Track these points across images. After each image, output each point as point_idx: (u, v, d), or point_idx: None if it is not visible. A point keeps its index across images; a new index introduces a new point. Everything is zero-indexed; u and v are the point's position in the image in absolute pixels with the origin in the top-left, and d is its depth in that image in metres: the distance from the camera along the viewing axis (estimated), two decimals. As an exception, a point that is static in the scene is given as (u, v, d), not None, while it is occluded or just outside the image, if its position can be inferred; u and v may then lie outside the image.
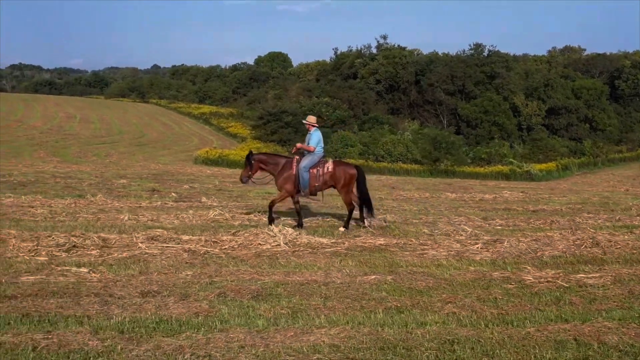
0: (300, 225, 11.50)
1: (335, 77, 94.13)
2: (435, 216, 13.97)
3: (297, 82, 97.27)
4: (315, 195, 12.09)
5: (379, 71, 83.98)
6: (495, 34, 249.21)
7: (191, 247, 9.61)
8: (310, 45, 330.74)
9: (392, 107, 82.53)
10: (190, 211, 13.15)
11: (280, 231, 10.63)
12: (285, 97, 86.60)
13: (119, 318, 6.38)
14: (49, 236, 9.78)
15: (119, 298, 7.07)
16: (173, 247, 9.58)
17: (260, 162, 11.83)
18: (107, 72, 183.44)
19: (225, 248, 9.68)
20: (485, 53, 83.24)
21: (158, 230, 10.49)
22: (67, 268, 8.24)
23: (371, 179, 31.44)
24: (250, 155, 11.83)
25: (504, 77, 77.40)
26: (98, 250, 9.25)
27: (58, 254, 9.05)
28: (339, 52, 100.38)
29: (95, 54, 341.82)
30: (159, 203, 14.72)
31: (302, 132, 62.99)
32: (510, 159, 48.02)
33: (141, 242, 9.61)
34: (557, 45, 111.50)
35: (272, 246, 9.89)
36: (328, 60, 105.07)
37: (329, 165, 11.81)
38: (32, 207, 13.55)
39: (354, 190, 12.06)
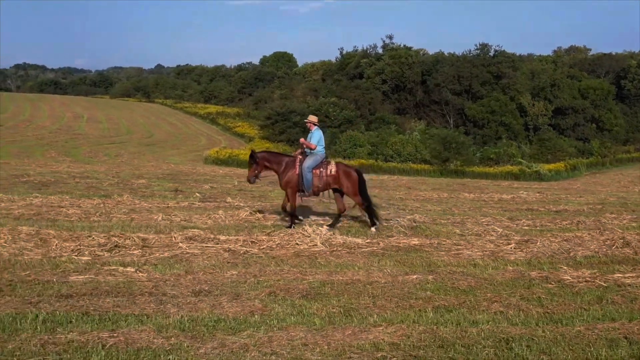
0: (291, 226, 11.47)
1: (341, 77, 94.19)
2: (461, 216, 14.09)
3: (303, 82, 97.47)
4: (317, 195, 12.15)
5: (385, 71, 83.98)
6: (501, 34, 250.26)
7: (230, 247, 9.74)
8: (314, 45, 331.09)
9: (398, 107, 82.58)
10: (220, 211, 13.27)
11: (314, 231, 10.76)
12: (291, 97, 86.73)
13: (177, 317, 6.50)
14: (89, 236, 9.91)
15: (172, 297, 7.20)
16: (212, 247, 9.70)
17: (264, 159, 11.89)
18: (111, 71, 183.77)
19: (263, 248, 9.80)
20: (492, 53, 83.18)
21: (194, 230, 10.62)
22: (114, 268, 8.37)
23: (384, 179, 31.58)
24: (253, 154, 11.87)
25: (510, 77, 77.39)
26: (139, 250, 9.38)
27: (101, 253, 9.18)
28: (344, 52, 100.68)
29: (99, 53, 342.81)
30: (186, 203, 14.86)
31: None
32: (519, 159, 48.09)
33: (181, 242, 9.74)
34: (562, 45, 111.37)
35: (309, 246, 10.01)
36: (334, 60, 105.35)
37: (332, 168, 11.88)
38: (62, 207, 13.68)
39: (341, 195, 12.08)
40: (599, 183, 37.40)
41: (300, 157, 11.92)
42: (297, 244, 10.10)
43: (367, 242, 10.44)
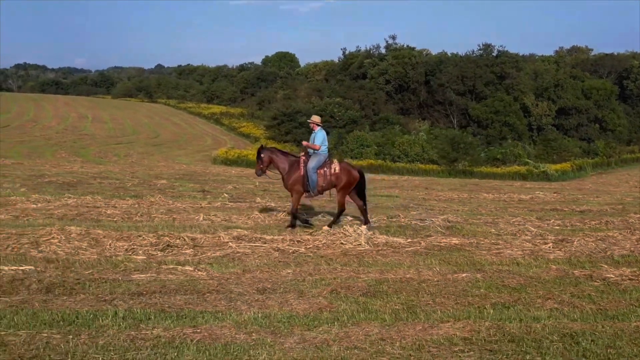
0: (292, 225, 11.70)
1: (344, 77, 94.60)
2: (491, 216, 14.36)
3: (306, 82, 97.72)
4: (322, 194, 12.38)
5: (389, 71, 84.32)
6: (502, 34, 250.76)
7: (278, 246, 10.00)
8: (316, 45, 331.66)
9: (401, 108, 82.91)
10: (256, 212, 13.55)
11: (355, 231, 11.01)
12: (294, 97, 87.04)
13: (250, 313, 6.75)
14: (139, 236, 10.16)
15: (239, 294, 7.45)
16: (261, 246, 9.96)
17: (269, 157, 12.11)
18: (112, 71, 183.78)
19: (310, 247, 10.06)
20: (495, 53, 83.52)
21: (239, 230, 10.87)
22: (172, 267, 8.62)
23: (396, 180, 31.86)
24: (261, 149, 12.17)
25: (514, 77, 77.77)
26: (191, 250, 9.63)
27: (154, 253, 9.43)
28: (347, 52, 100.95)
29: (99, 53, 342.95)
30: (218, 203, 15.13)
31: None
32: (526, 159, 48.42)
33: (230, 242, 9.99)
34: (564, 45, 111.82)
35: (354, 245, 10.27)
36: (336, 60, 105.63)
37: (336, 167, 12.08)
38: (98, 207, 13.93)
39: (356, 193, 12.34)
40: (608, 183, 37.71)
41: (304, 157, 12.08)
42: (342, 243, 10.36)
43: (408, 242, 10.70)
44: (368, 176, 13.86)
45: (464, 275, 8.73)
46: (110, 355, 5.47)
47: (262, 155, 12.07)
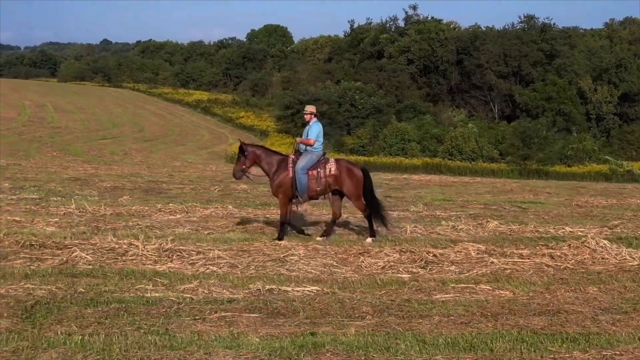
0: (280, 238, 11.80)
1: (353, 55, 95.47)
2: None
3: (305, 61, 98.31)
4: (317, 199, 12.60)
5: (412, 49, 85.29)
6: (537, 3, 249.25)
7: (538, 260, 10.73)
8: (312, 17, 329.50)
9: (427, 93, 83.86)
10: (443, 222, 14.32)
11: (597, 243, 11.75)
12: (295, 80, 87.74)
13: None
14: (380, 251, 10.83)
15: (576, 313, 8.15)
16: (520, 261, 10.67)
17: (254, 154, 12.20)
18: (48, 48, 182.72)
19: (572, 262, 10.78)
20: (539, 27, 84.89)
21: (469, 243, 11.55)
22: (469, 286, 9.27)
23: (469, 182, 32.76)
24: (243, 147, 12.20)
25: (566, 56, 79.08)
26: (453, 266, 10.31)
27: (416, 270, 10.09)
28: (355, 25, 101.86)
29: (28, 26, 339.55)
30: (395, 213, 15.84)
31: (337, 124, 64.40)
32: (605, 157, 49.62)
33: (486, 256, 10.69)
34: (615, 17, 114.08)
35: (619, 260, 11.02)
36: (341, 35, 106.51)
37: (332, 167, 12.10)
38: (187, 212, 14.88)
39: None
40: None
41: (293, 156, 12.16)
42: (603, 258, 11.10)
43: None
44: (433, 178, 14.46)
45: None
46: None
47: (245, 152, 12.13)
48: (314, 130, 12.16)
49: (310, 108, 12.59)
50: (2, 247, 10.58)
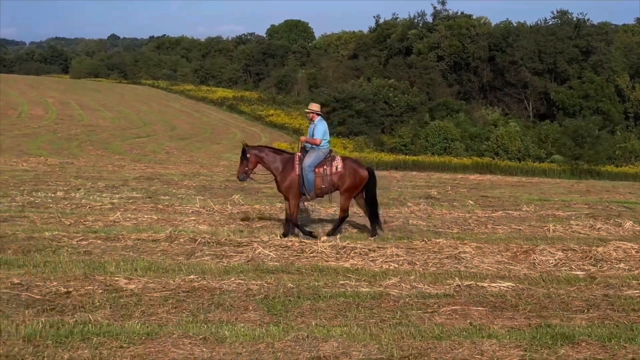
0: (285, 235, 12.12)
1: (380, 52, 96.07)
2: None
3: (328, 57, 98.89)
4: (322, 197, 12.82)
5: (442, 45, 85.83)
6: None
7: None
8: (331, 12, 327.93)
9: (458, 90, 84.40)
10: (574, 221, 14.93)
11: None
12: (319, 77, 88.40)
13: None
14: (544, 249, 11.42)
15: None
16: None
17: (258, 155, 12.42)
18: (56, 43, 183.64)
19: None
20: (573, 23, 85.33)
21: (614, 242, 12.14)
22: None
23: (542, 183, 33.29)
24: (246, 148, 12.45)
25: (603, 52, 79.47)
26: (622, 264, 10.88)
27: (587, 267, 10.67)
28: (381, 20, 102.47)
29: (33, 21, 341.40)
30: (483, 212, 16.42)
31: (374, 123, 65.10)
32: (652, 156, 50.13)
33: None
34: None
35: None
36: (365, 31, 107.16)
37: (338, 164, 12.36)
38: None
39: (363, 197, 12.77)
40: None
41: (300, 154, 12.40)
42: None
43: None
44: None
45: None
46: None
47: (247, 155, 12.35)
48: (320, 129, 12.40)
49: (314, 106, 12.85)
50: (180, 245, 11.22)
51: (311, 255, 10.80)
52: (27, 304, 7.93)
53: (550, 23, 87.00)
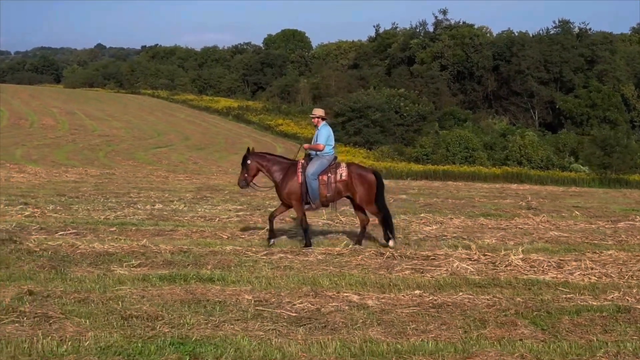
0: (308, 244, 11.95)
1: (381, 61, 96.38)
2: None
3: (331, 67, 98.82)
4: (327, 206, 12.49)
5: (445, 55, 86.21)
6: (561, 8, 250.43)
7: None
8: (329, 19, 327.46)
9: (462, 100, 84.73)
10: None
11: None
12: (322, 86, 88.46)
13: None
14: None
15: None
16: None
17: (258, 163, 12.18)
18: (41, 53, 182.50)
19: None
20: (576, 32, 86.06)
21: None
22: None
23: (587, 193, 33.40)
24: (248, 155, 12.23)
25: (607, 62, 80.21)
26: None
27: None
28: (381, 29, 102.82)
29: (16, 31, 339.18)
30: (584, 224, 16.36)
31: (389, 132, 65.11)
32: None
33: None
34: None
35: None
36: (364, 40, 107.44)
37: (343, 172, 12.00)
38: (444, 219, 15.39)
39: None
40: None
41: (303, 161, 12.13)
42: None
43: None
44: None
45: None
46: None
47: (248, 162, 12.15)
48: (323, 135, 12.12)
49: (318, 112, 12.60)
50: (367, 258, 11.05)
51: (507, 268, 10.65)
52: (297, 322, 7.71)
53: (552, 32, 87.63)
